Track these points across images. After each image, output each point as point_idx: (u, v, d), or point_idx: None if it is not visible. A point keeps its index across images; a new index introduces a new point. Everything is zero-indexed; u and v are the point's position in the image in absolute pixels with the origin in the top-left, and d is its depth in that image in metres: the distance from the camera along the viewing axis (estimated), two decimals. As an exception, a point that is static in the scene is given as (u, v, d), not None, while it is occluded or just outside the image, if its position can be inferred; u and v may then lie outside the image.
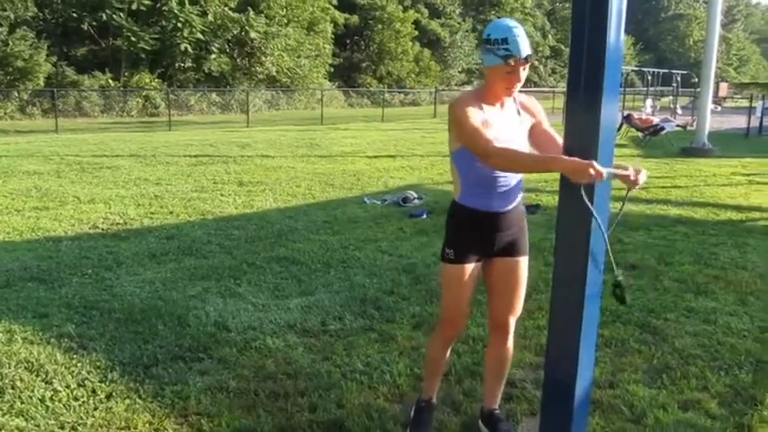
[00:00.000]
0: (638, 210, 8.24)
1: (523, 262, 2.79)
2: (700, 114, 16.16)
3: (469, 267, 2.73)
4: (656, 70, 37.01)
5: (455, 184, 2.72)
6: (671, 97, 32.44)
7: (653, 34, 73.41)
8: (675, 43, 75.56)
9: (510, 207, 2.68)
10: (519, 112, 2.66)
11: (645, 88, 35.98)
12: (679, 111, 28.13)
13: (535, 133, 2.67)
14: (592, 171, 2.06)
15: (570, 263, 2.20)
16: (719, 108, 33.82)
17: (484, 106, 2.57)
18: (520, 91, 2.65)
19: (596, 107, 2.06)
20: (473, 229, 2.69)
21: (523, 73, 2.49)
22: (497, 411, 2.95)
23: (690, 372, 3.52)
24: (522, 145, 2.60)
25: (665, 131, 17.65)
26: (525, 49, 2.44)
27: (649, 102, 27.28)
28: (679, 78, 30.74)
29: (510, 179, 2.64)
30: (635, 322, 4.26)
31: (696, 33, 71.37)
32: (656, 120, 19.06)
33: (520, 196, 2.74)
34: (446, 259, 2.75)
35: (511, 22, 2.50)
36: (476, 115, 2.50)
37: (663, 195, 9.46)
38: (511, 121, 2.61)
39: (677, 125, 19.98)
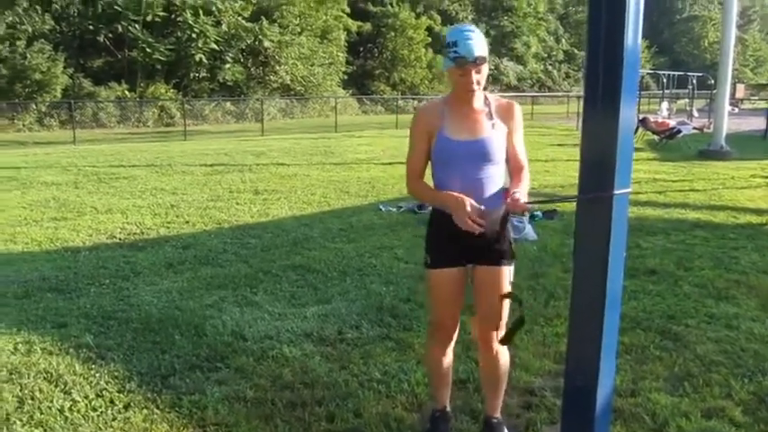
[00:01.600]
0: (656, 214, 8.16)
1: (505, 272, 2.71)
2: (717, 116, 16.00)
3: (448, 272, 2.72)
4: (671, 73, 36.70)
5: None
6: (687, 100, 32.16)
7: (668, 36, 72.87)
8: (691, 45, 74.93)
9: None
10: (491, 116, 2.64)
11: (660, 91, 35.72)
12: (695, 113, 27.86)
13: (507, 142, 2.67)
14: (468, 208, 2.45)
15: (590, 269, 2.17)
16: (737, 110, 33.47)
17: (447, 111, 2.63)
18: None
19: (614, 111, 2.03)
20: (447, 234, 2.64)
21: (476, 75, 2.51)
22: (494, 420, 2.92)
23: (712, 379, 3.47)
24: (495, 147, 2.61)
25: (681, 134, 17.50)
26: (475, 51, 2.46)
27: (665, 105, 27.02)
28: (695, 80, 30.46)
29: (485, 185, 2.61)
30: (655, 329, 4.21)
31: (711, 35, 70.74)
32: (672, 123, 18.89)
33: (497, 203, 2.59)
34: (425, 265, 2.78)
35: (464, 26, 2.57)
36: (422, 133, 2.64)
37: (681, 199, 9.36)
38: (480, 124, 2.62)
39: (694, 128, 19.79)
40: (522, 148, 2.71)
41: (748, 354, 3.80)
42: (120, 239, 7.03)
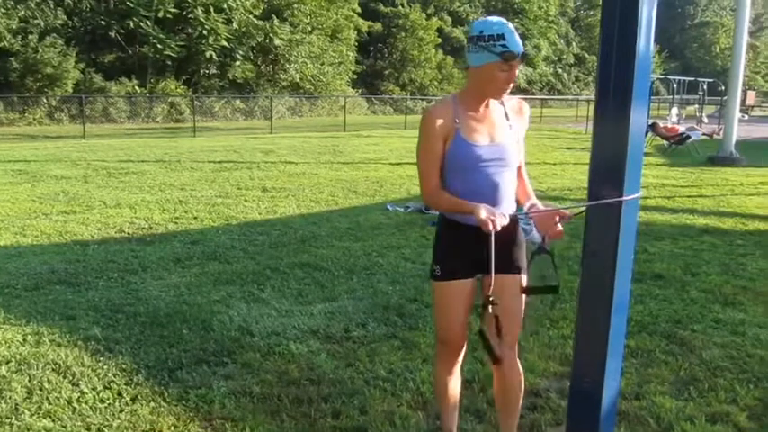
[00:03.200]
0: (664, 219, 8.15)
1: (521, 280, 2.55)
2: (727, 123, 15.96)
3: (459, 284, 2.54)
4: (681, 78, 36.50)
5: None
6: (697, 106, 32.04)
7: (679, 42, 72.62)
8: (702, 51, 74.65)
9: None
10: (507, 116, 2.49)
11: (670, 96, 35.62)
12: (705, 119, 27.77)
13: None
14: (497, 221, 2.24)
15: (598, 273, 2.18)
16: (747, 117, 33.35)
17: (461, 112, 2.42)
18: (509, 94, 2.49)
19: (625, 115, 2.04)
20: (458, 243, 2.50)
21: (516, 72, 2.37)
22: None
23: (718, 384, 3.47)
24: (512, 151, 2.47)
25: (690, 140, 17.45)
26: (521, 45, 2.33)
27: (675, 110, 26.94)
28: (705, 86, 30.33)
29: (502, 191, 2.46)
30: (661, 333, 4.21)
31: (723, 41, 70.44)
32: (681, 128, 18.85)
33: (512, 208, 2.50)
34: (433, 276, 2.58)
35: (502, 19, 2.38)
36: (438, 136, 2.41)
37: (689, 205, 9.34)
38: (498, 126, 2.46)
39: (703, 134, 19.72)
40: (524, 146, 2.59)
41: (754, 359, 3.80)
42: (128, 234, 7.07)
